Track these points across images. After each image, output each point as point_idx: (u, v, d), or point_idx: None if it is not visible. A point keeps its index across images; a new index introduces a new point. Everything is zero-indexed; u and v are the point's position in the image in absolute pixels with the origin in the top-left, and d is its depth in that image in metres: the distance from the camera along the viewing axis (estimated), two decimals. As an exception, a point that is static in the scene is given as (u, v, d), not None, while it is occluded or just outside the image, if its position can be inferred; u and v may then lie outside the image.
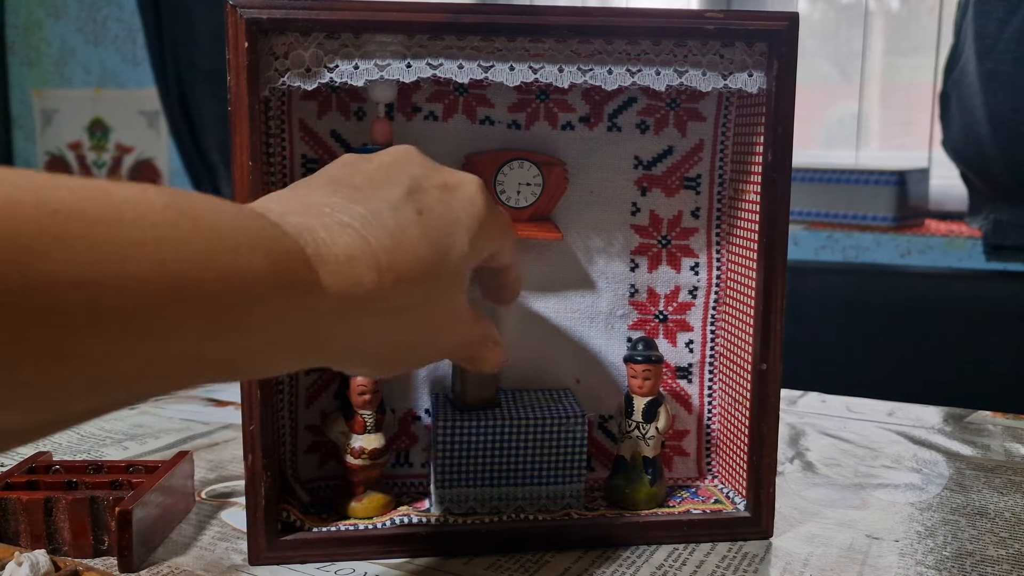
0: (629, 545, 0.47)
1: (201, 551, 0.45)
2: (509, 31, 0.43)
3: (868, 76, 1.49)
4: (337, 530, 0.45)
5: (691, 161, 0.51)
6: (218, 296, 0.24)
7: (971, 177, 1.26)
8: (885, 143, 1.53)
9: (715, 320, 0.53)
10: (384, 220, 0.31)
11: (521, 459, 0.47)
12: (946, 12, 1.38)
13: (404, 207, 0.32)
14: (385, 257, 0.30)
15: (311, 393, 0.50)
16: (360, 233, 0.30)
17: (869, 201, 1.31)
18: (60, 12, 1.98)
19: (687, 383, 0.54)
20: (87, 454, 0.60)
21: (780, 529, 0.49)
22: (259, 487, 0.43)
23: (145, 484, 0.45)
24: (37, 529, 0.43)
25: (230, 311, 0.25)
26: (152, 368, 0.24)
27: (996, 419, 0.71)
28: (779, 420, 0.48)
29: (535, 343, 0.51)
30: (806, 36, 1.47)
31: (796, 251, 1.33)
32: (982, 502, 0.53)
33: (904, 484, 0.57)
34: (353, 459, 0.46)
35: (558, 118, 0.50)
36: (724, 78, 0.45)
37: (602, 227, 0.51)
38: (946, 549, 0.47)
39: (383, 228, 0.30)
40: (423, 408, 0.52)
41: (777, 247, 0.46)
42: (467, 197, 0.34)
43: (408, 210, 0.32)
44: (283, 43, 0.42)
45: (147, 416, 0.69)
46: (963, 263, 1.25)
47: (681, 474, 0.54)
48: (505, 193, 0.49)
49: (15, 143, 2.08)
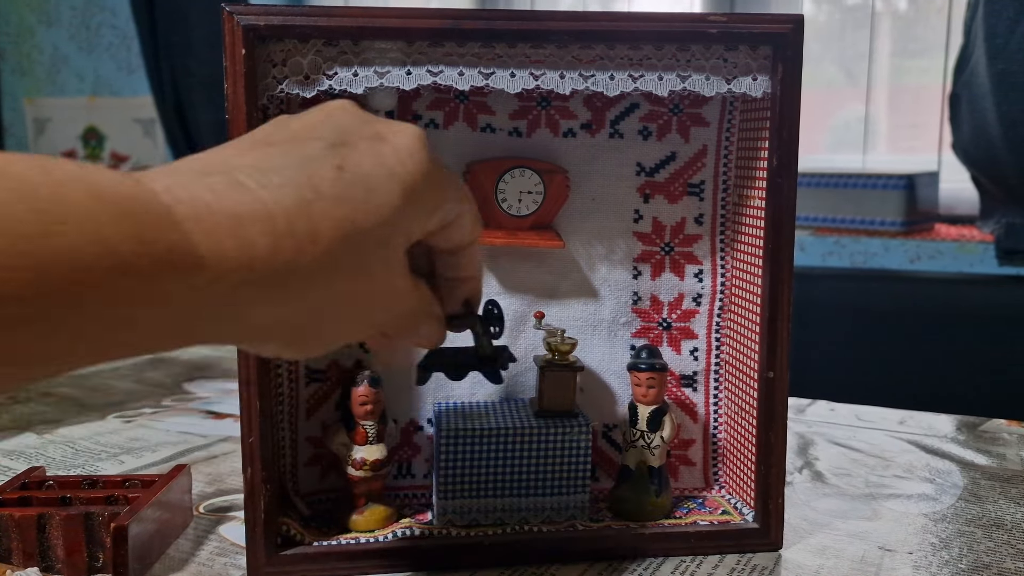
0: (635, 557, 0.46)
1: (199, 567, 0.45)
2: (510, 37, 0.42)
3: (875, 78, 1.48)
4: (338, 544, 0.45)
5: (694, 167, 0.51)
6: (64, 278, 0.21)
7: (982, 180, 1.24)
8: (893, 146, 1.52)
9: (720, 328, 0.52)
10: (291, 177, 0.26)
11: (524, 470, 0.47)
12: (955, 12, 1.37)
13: (321, 162, 0.27)
14: (284, 219, 0.25)
15: (311, 404, 0.49)
16: (254, 193, 0.25)
17: (877, 206, 1.30)
18: (52, 19, 1.97)
19: (692, 392, 0.53)
20: (81, 469, 0.59)
21: (789, 541, 0.48)
22: (258, 501, 0.43)
23: (141, 499, 0.44)
24: (30, 546, 0.42)
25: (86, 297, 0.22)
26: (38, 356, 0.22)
27: (1011, 427, 0.70)
28: (787, 429, 0.47)
29: (537, 352, 0.51)
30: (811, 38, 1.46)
31: (803, 257, 1.32)
32: (998, 513, 0.52)
33: (917, 494, 0.55)
34: (354, 471, 0.46)
35: (559, 125, 0.49)
36: (728, 82, 0.44)
37: (604, 235, 0.51)
38: (962, 562, 0.46)
39: (290, 186, 0.26)
40: (425, 418, 0.51)
41: (783, 253, 0.45)
42: (403, 147, 0.29)
43: (326, 165, 0.27)
44: (281, 50, 0.41)
45: (144, 429, 0.68)
46: (974, 268, 1.24)
47: (687, 484, 0.53)
48: (507, 201, 0.48)
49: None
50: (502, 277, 0.50)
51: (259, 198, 0.25)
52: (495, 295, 0.50)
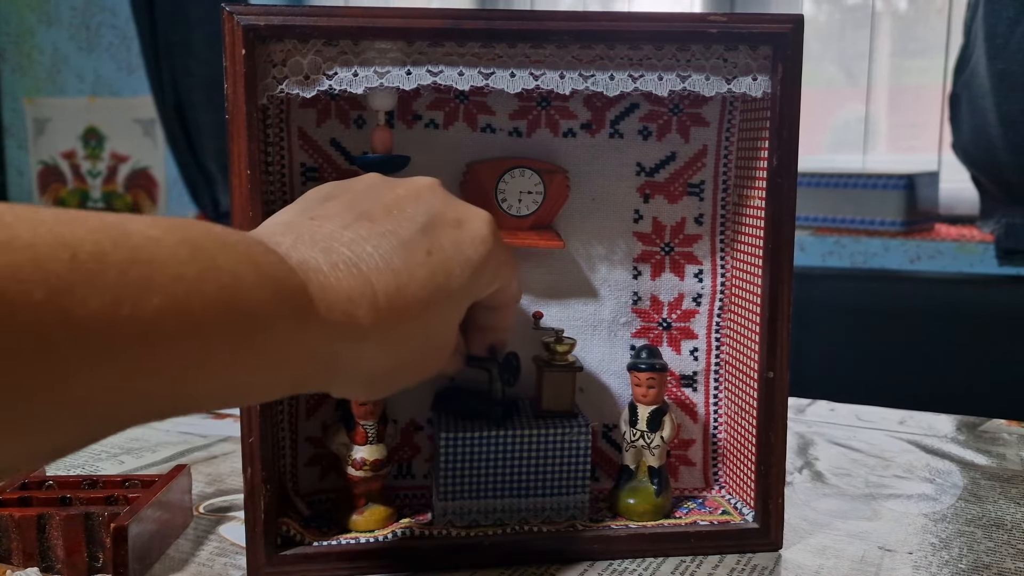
0: (635, 557, 0.46)
1: (199, 567, 0.45)
2: (510, 37, 0.42)
3: (875, 78, 1.48)
4: (338, 544, 0.44)
5: (694, 167, 0.51)
6: (224, 331, 0.26)
7: (982, 180, 1.24)
8: (893, 146, 1.52)
9: (720, 328, 0.52)
10: (392, 262, 0.32)
11: (525, 470, 0.46)
12: (955, 12, 1.37)
13: (415, 247, 0.33)
14: (385, 300, 0.31)
15: (311, 404, 0.49)
16: (365, 276, 0.31)
17: (877, 205, 1.30)
18: (52, 19, 1.97)
19: (692, 392, 0.53)
20: (81, 469, 0.59)
21: (789, 541, 0.48)
22: (258, 501, 0.43)
23: (141, 499, 0.44)
24: (30, 547, 0.42)
25: (234, 345, 0.26)
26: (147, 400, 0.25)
27: (1011, 427, 0.70)
28: (787, 429, 0.47)
29: (537, 352, 0.50)
30: (811, 38, 1.46)
31: (803, 257, 1.32)
32: (998, 513, 0.52)
33: (917, 494, 0.55)
34: (354, 471, 0.46)
35: (559, 125, 0.49)
36: (728, 82, 0.44)
37: (604, 235, 0.51)
38: (962, 562, 0.46)
39: (390, 271, 0.32)
40: (425, 418, 0.51)
41: (783, 253, 0.45)
42: (477, 236, 0.36)
43: (419, 250, 0.33)
44: (281, 50, 0.41)
45: (144, 429, 0.68)
46: (974, 268, 1.24)
47: (687, 484, 0.53)
48: (507, 201, 0.48)
49: (7, 152, 2.08)
50: (502, 277, 0.50)
51: (367, 281, 0.31)
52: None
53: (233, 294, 0.26)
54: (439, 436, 0.46)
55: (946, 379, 1.12)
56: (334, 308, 0.30)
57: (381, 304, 0.31)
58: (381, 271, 0.32)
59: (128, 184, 1.98)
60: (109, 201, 1.99)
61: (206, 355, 0.25)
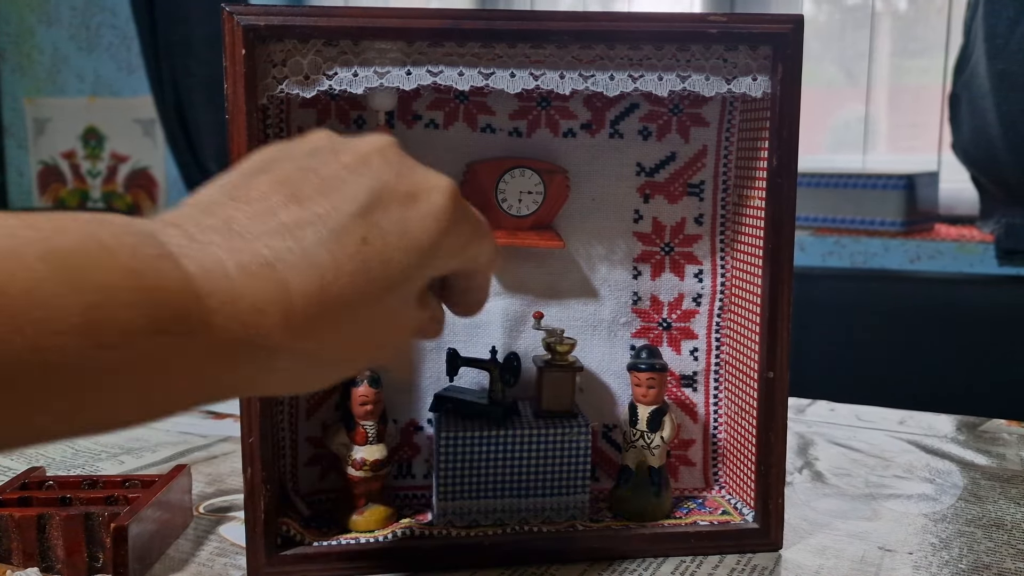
0: (635, 557, 0.46)
1: (199, 567, 0.45)
2: (510, 37, 0.42)
3: (875, 78, 1.48)
4: (338, 544, 0.44)
5: (694, 167, 0.51)
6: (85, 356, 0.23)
7: (982, 180, 1.24)
8: (893, 146, 1.52)
9: (720, 328, 0.52)
10: (316, 257, 0.28)
11: (525, 470, 0.46)
12: (955, 12, 1.37)
13: (348, 235, 0.28)
14: (303, 303, 0.27)
15: (311, 404, 0.49)
16: (280, 277, 0.27)
17: (877, 206, 1.30)
18: (52, 19, 1.97)
19: (692, 392, 0.53)
20: (81, 469, 0.59)
21: (789, 541, 0.48)
22: (258, 501, 0.43)
23: (141, 499, 0.44)
24: (30, 547, 0.42)
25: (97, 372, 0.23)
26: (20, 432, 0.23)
27: (1011, 427, 0.70)
28: (787, 429, 0.47)
29: (537, 352, 0.50)
30: (811, 38, 1.46)
31: (803, 257, 1.32)
32: (998, 513, 0.52)
33: (917, 494, 0.55)
34: (354, 471, 0.46)
35: (559, 125, 0.49)
36: (728, 82, 0.44)
37: (604, 235, 0.51)
38: (962, 562, 0.46)
39: (312, 268, 0.27)
40: (425, 418, 0.51)
41: (783, 253, 0.45)
42: (431, 212, 0.30)
43: (351, 239, 0.28)
44: (281, 50, 0.41)
45: (144, 429, 0.68)
46: (974, 268, 1.24)
47: (687, 484, 0.53)
48: (507, 201, 0.48)
49: (7, 152, 2.08)
50: (502, 277, 0.50)
51: (283, 283, 0.27)
52: (494, 295, 0.50)
53: (100, 316, 0.23)
54: (439, 436, 0.46)
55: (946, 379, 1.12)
56: (235, 320, 0.26)
57: (297, 309, 0.27)
58: (301, 269, 0.27)
59: (128, 184, 1.98)
60: (109, 201, 1.99)
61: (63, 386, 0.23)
